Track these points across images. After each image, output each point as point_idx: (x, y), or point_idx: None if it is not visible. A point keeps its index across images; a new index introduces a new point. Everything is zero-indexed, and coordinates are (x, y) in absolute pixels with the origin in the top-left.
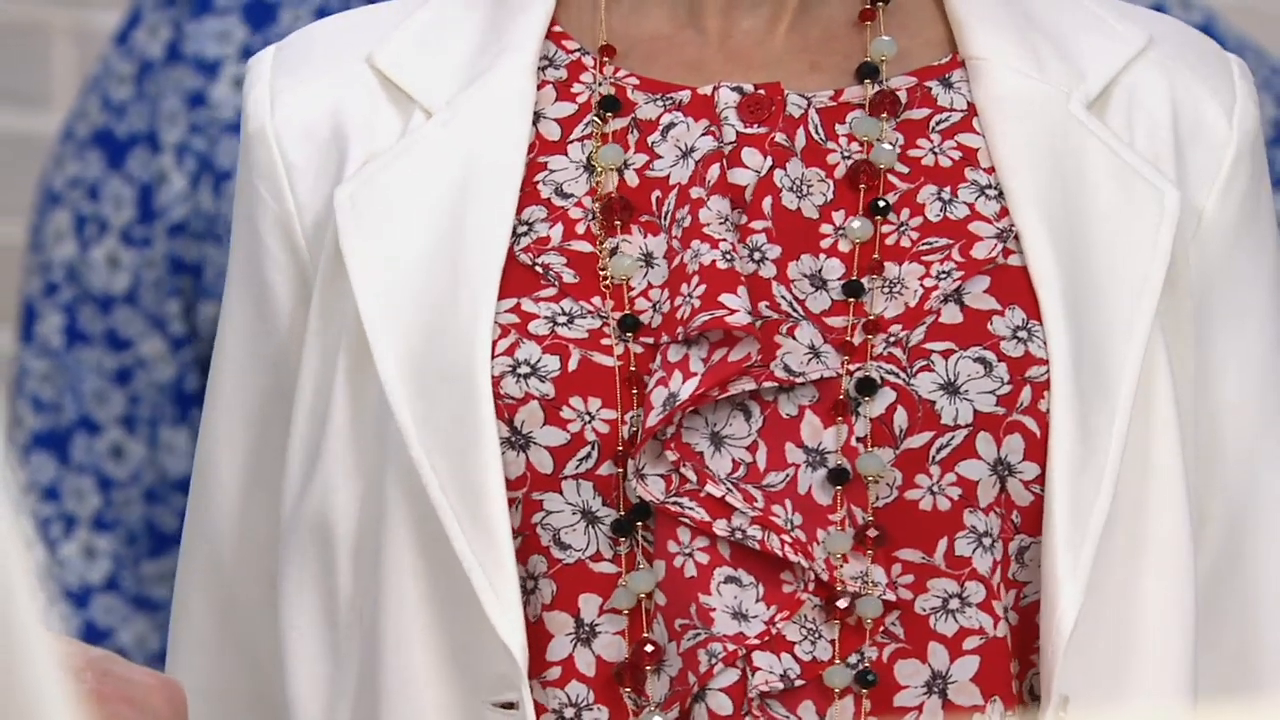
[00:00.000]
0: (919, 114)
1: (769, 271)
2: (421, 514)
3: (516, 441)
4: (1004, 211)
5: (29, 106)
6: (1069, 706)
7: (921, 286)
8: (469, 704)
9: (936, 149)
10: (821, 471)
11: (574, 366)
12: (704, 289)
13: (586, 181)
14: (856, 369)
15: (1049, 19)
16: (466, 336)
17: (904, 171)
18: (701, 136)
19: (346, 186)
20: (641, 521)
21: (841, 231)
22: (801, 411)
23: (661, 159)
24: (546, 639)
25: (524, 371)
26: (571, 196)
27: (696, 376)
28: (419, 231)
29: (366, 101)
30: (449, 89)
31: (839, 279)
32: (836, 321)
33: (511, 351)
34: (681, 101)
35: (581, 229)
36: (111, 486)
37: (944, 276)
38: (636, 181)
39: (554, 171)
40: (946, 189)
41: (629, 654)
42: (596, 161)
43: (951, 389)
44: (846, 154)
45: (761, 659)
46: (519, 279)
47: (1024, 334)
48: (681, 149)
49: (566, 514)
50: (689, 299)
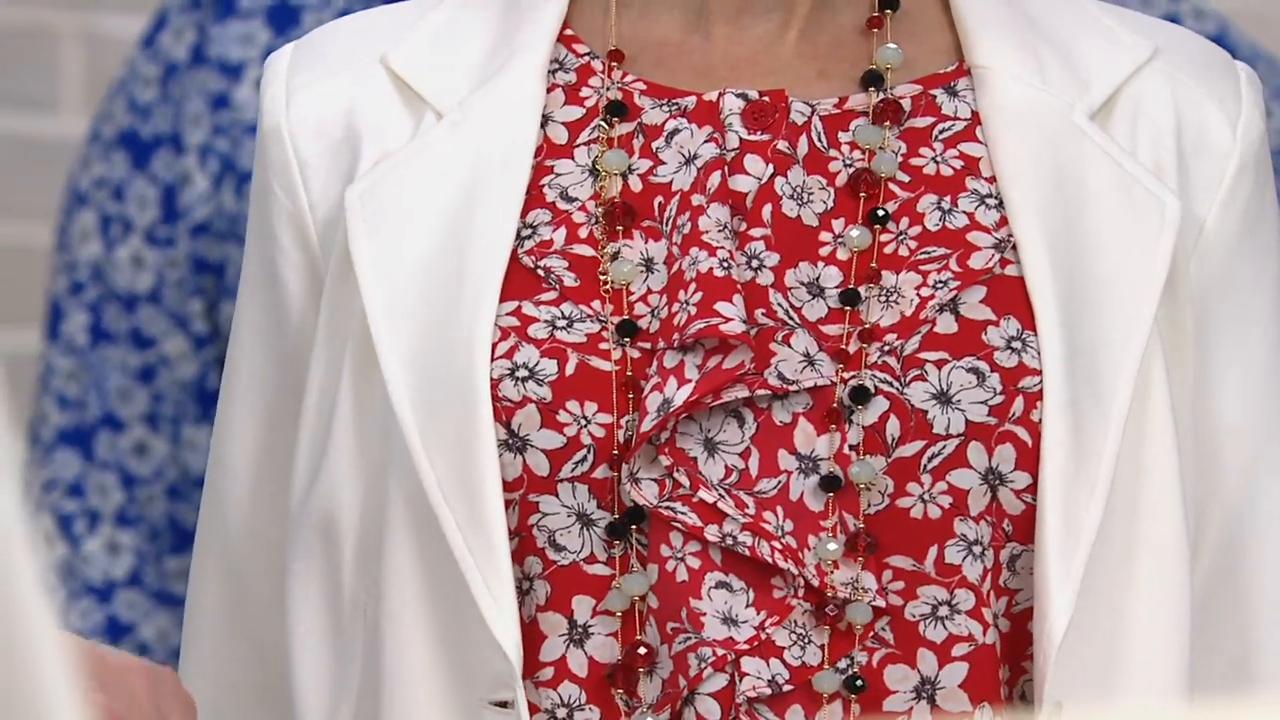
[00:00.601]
0: (923, 122)
1: (766, 279)
2: (421, 513)
3: (514, 444)
4: (1003, 221)
5: (36, 110)
6: (1063, 712)
7: (918, 296)
8: (466, 702)
9: (939, 158)
10: (814, 478)
11: (571, 371)
12: (701, 297)
13: (591, 186)
14: (851, 377)
15: (1056, 28)
16: (467, 339)
17: (905, 180)
18: (705, 143)
19: (357, 186)
20: (635, 525)
21: (840, 239)
22: (795, 419)
23: (665, 165)
24: (540, 639)
25: (522, 375)
26: (576, 200)
27: (691, 383)
28: (427, 233)
29: (380, 101)
30: (460, 91)
31: (836, 287)
32: (833, 329)
33: (511, 355)
34: (687, 107)
35: (584, 233)
36: (135, 483)
37: (940, 286)
38: (640, 187)
39: (560, 175)
40: (946, 198)
41: (622, 656)
42: (601, 166)
43: (944, 399)
44: (848, 162)
45: (750, 664)
46: (521, 282)
47: (1018, 344)
48: (685, 155)
49: (562, 516)
50: (686, 306)
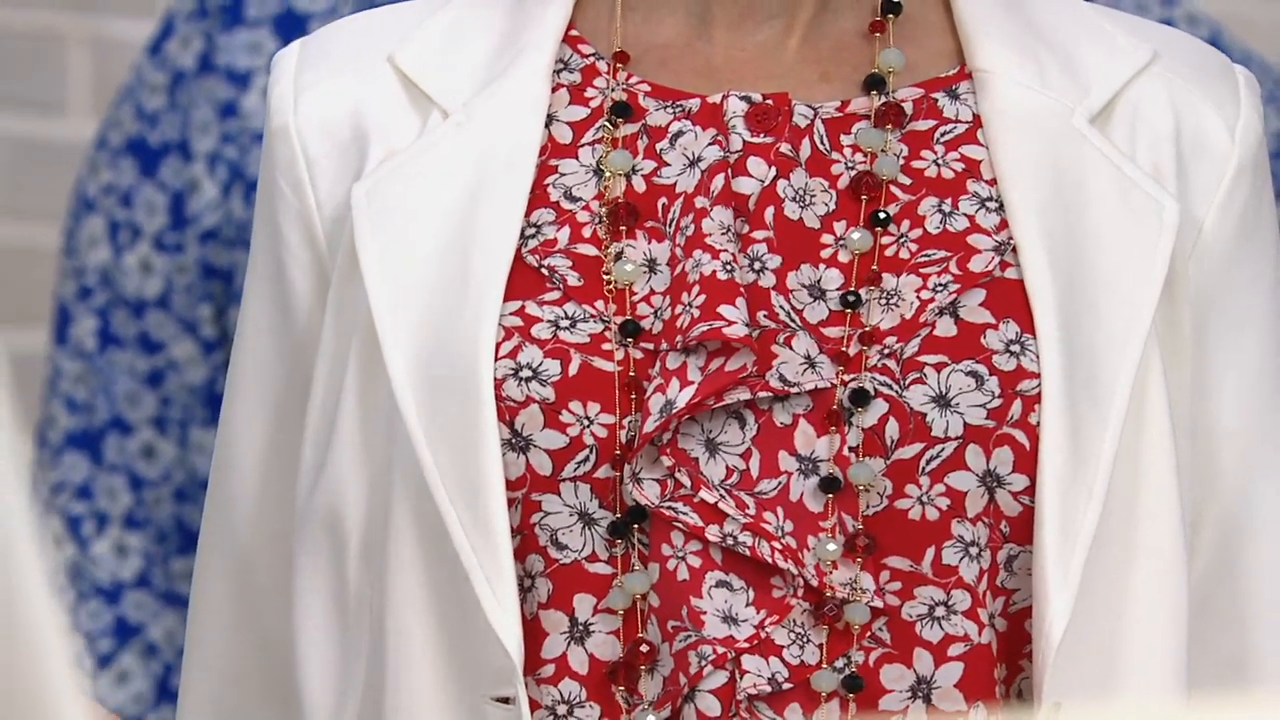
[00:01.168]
0: (924, 125)
1: (768, 281)
2: (425, 510)
3: (517, 443)
4: (1004, 224)
5: (45, 113)
6: (1062, 712)
7: (918, 298)
8: (468, 697)
9: (940, 160)
10: (814, 479)
11: (574, 371)
12: (704, 299)
13: (595, 186)
14: (851, 380)
15: (1056, 32)
16: (471, 338)
17: (906, 183)
18: (709, 146)
19: (364, 183)
20: (637, 524)
21: (842, 242)
22: (796, 420)
23: (669, 166)
24: (542, 637)
25: (525, 375)
26: (580, 200)
27: (693, 385)
28: (432, 232)
29: (387, 100)
30: (466, 90)
31: (837, 289)
32: (833, 331)
33: (514, 355)
34: (691, 110)
35: (588, 233)
36: (143, 486)
37: (940, 289)
38: (644, 188)
39: (564, 175)
40: (947, 200)
41: (624, 653)
42: (605, 166)
43: (942, 401)
44: (850, 164)
45: (750, 662)
46: (525, 281)
47: (1017, 348)
48: (689, 157)
49: (564, 515)
50: (689, 308)
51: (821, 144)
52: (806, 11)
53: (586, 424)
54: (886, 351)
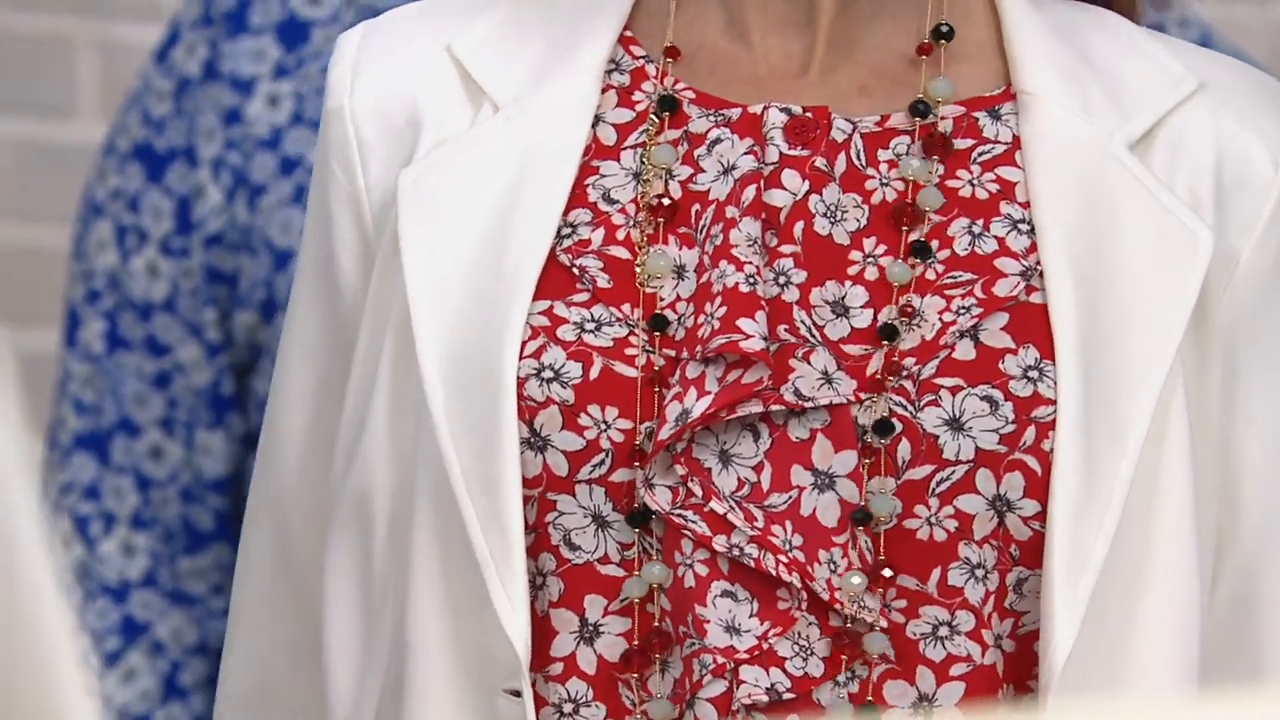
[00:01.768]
0: (963, 144)
1: (792, 295)
2: (445, 503)
3: (535, 443)
4: (1033, 247)
5: (54, 116)
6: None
7: (940, 320)
8: (482, 687)
9: (975, 180)
10: (828, 494)
11: (595, 375)
12: (725, 311)
13: (634, 189)
14: (867, 398)
15: (1103, 57)
16: (498, 336)
17: (940, 203)
18: (744, 155)
19: (411, 170)
20: (649, 525)
21: (870, 259)
22: (812, 435)
23: (705, 173)
24: (551, 635)
25: (548, 376)
26: (617, 203)
27: (710, 395)
28: (473, 224)
29: (442, 89)
30: (519, 84)
31: (862, 306)
32: (854, 349)
33: (538, 355)
34: (731, 118)
35: (622, 235)
36: (150, 486)
37: (963, 312)
38: (679, 193)
39: (604, 176)
40: (979, 222)
41: (639, 641)
42: (648, 160)
43: (956, 425)
44: (885, 180)
45: (748, 673)
46: (556, 280)
47: (1034, 374)
48: (724, 165)
49: (578, 516)
50: (710, 319)
51: (858, 159)
52: (844, 23)
53: (604, 428)
54: (904, 373)
